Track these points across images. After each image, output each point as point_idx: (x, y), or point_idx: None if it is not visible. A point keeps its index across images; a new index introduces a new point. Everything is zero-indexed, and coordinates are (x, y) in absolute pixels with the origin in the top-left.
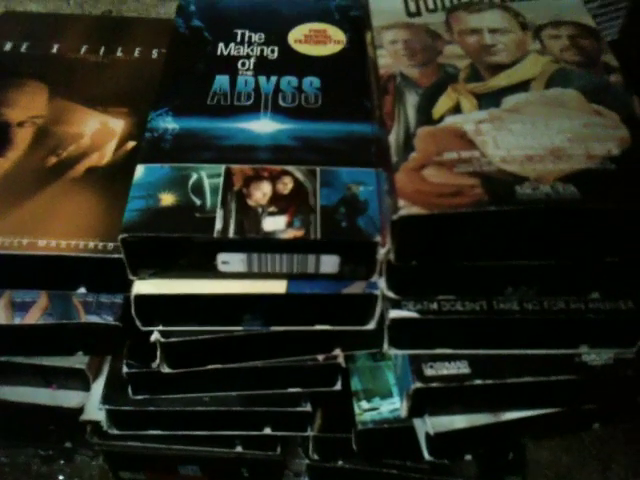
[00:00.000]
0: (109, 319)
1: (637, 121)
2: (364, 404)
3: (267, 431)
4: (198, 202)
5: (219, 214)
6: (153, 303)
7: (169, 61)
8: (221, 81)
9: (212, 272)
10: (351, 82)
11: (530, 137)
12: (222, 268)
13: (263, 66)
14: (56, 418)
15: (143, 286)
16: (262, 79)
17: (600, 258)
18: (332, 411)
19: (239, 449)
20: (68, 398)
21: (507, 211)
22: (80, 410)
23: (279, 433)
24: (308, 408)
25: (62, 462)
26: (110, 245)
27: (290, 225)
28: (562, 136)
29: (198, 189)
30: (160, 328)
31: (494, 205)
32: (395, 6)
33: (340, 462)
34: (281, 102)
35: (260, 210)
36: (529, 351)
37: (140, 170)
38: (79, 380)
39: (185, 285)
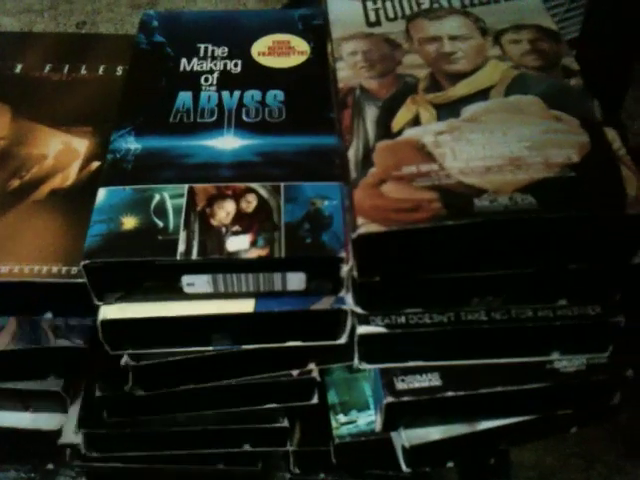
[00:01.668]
0: (79, 342)
1: (597, 126)
2: (341, 417)
3: (246, 448)
4: (161, 224)
5: (182, 236)
6: (121, 327)
7: (131, 79)
8: (184, 98)
9: (178, 294)
10: (315, 94)
11: (489, 147)
12: (188, 290)
13: (226, 81)
14: (35, 441)
15: (109, 311)
16: (225, 94)
17: (564, 266)
18: (311, 424)
19: (220, 466)
20: (47, 420)
21: (465, 225)
22: (59, 432)
23: (258, 449)
24: (285, 424)
25: None
26: (74, 269)
27: (254, 244)
28: (521, 145)
29: (161, 211)
30: (130, 352)
31: (451, 219)
32: (355, 16)
33: (322, 475)
34: (245, 117)
35: (224, 230)
36: (500, 360)
37: (102, 193)
38: (56, 402)
39: (152, 308)
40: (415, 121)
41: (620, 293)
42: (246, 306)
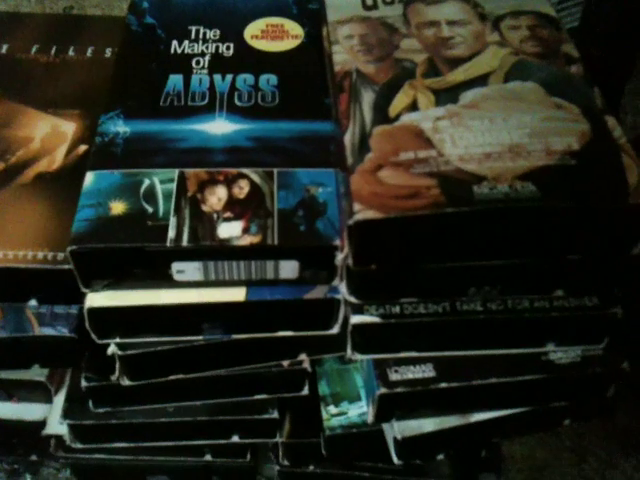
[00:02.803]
0: (64, 331)
1: (598, 114)
2: (332, 409)
3: (235, 439)
4: (150, 209)
5: (172, 221)
6: (108, 316)
7: (120, 61)
8: (175, 81)
9: (168, 281)
10: (309, 79)
11: (488, 134)
12: (177, 277)
13: (218, 64)
14: (19, 432)
15: (96, 299)
16: (217, 77)
17: (562, 256)
18: (301, 416)
19: (208, 457)
20: (31, 411)
21: (464, 212)
22: (43, 423)
23: (247, 440)
24: (275, 415)
25: (28, 476)
26: (60, 255)
27: (246, 231)
28: (521, 132)
29: (150, 196)
30: (117, 340)
31: (451, 206)
32: (351, 0)
33: (311, 467)
34: (237, 101)
35: (215, 216)
36: (495, 351)
37: (90, 177)
38: (40, 392)
39: (140, 296)
40: (413, 106)
41: (618, 284)
42: (237, 295)
